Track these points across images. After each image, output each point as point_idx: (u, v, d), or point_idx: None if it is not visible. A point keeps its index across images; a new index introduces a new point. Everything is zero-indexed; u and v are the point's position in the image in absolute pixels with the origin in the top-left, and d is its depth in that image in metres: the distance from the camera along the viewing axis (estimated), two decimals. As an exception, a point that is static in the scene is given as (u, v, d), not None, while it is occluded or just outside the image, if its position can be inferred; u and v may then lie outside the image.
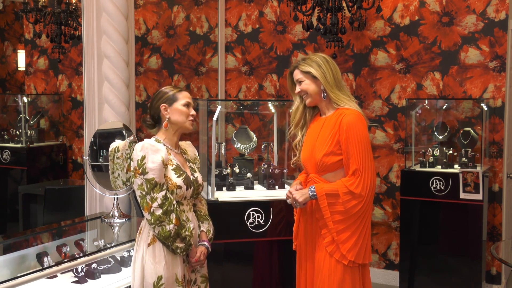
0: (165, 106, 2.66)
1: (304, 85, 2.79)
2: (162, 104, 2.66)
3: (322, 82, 2.75)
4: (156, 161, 2.52)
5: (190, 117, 2.69)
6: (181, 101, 2.68)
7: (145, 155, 2.52)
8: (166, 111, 2.66)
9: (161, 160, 2.54)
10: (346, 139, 2.66)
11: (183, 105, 2.67)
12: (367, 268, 2.81)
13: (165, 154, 2.57)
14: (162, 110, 2.66)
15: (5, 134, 5.24)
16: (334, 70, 2.78)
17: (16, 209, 5.03)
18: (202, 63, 5.95)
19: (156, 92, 2.74)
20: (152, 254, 2.55)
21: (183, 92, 2.71)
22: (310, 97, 2.80)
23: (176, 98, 2.68)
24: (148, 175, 2.51)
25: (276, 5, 5.61)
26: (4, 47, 5.43)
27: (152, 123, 2.71)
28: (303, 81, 2.79)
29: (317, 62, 2.77)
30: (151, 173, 2.51)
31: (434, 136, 5.01)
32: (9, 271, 2.63)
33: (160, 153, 2.55)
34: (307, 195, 2.71)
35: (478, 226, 4.49)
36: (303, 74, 2.79)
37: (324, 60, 2.78)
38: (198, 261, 2.65)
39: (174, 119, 2.66)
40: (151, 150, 2.54)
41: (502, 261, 3.51)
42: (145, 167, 2.51)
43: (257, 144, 4.10)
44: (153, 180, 2.51)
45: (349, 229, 2.67)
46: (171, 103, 2.66)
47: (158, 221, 2.50)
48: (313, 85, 2.78)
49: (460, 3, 4.86)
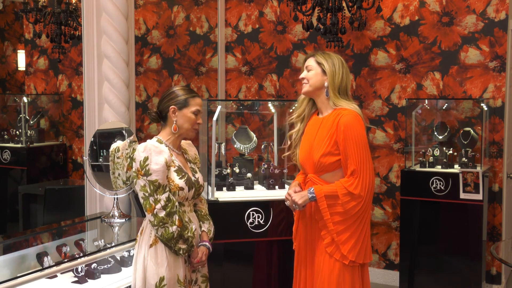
0: (174, 109, 2.63)
1: (310, 73, 2.80)
2: (172, 106, 2.63)
3: (328, 79, 2.75)
4: (160, 162, 2.51)
5: (196, 126, 2.67)
6: (191, 108, 2.64)
7: (148, 156, 2.51)
8: (174, 114, 2.63)
9: (165, 162, 2.53)
10: (344, 140, 2.66)
11: (192, 112, 2.64)
12: (366, 268, 2.81)
13: (168, 156, 2.56)
14: (170, 111, 2.63)
15: (5, 134, 5.24)
16: (345, 75, 2.79)
17: (16, 209, 5.03)
18: (202, 63, 5.95)
19: (169, 90, 2.69)
20: (154, 255, 2.55)
21: (196, 98, 2.67)
22: (310, 86, 2.80)
23: (187, 103, 2.64)
24: (151, 176, 2.50)
25: (276, 5, 5.61)
26: (4, 47, 5.43)
27: (157, 117, 2.69)
28: (311, 69, 2.80)
29: (333, 60, 2.79)
30: (155, 175, 2.50)
31: (434, 136, 5.01)
32: (9, 271, 2.63)
33: (163, 154, 2.54)
34: (307, 197, 2.72)
35: (478, 226, 4.49)
36: (315, 63, 2.80)
37: (340, 63, 2.80)
38: (199, 261, 2.65)
39: (180, 123, 2.64)
40: (155, 151, 2.53)
41: (502, 261, 3.51)
42: (148, 169, 2.50)
43: (257, 144, 4.10)
44: (157, 181, 2.50)
45: (349, 230, 2.67)
46: (181, 107, 2.63)
47: (161, 223, 2.49)
48: (319, 77, 2.78)
49: (460, 3, 4.86)
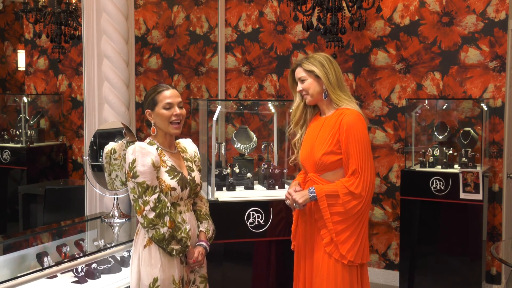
0: (149, 112, 2.60)
1: (306, 83, 2.79)
2: (146, 109, 2.61)
3: (324, 82, 2.75)
4: (146, 164, 2.48)
5: (173, 118, 2.56)
6: (160, 104, 2.56)
7: (135, 158, 2.49)
8: (151, 116, 2.60)
9: (151, 163, 2.49)
10: (346, 139, 2.67)
11: (164, 108, 2.56)
12: (365, 268, 2.81)
13: (156, 157, 2.52)
14: (147, 115, 2.61)
15: (5, 134, 5.24)
16: (336, 70, 2.78)
17: (16, 209, 5.02)
18: (202, 63, 5.95)
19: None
20: (148, 256, 2.53)
21: (162, 93, 2.57)
22: (311, 96, 2.80)
23: (156, 101, 2.57)
24: (138, 178, 2.48)
25: (276, 5, 5.61)
26: (4, 47, 5.43)
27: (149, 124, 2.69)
28: (305, 79, 2.79)
29: (321, 61, 2.77)
30: (142, 177, 2.48)
31: (434, 136, 5.01)
32: (9, 271, 2.63)
33: (150, 156, 2.50)
34: (307, 197, 2.71)
35: (478, 226, 4.49)
36: (306, 72, 2.79)
37: (327, 60, 2.78)
38: (196, 261, 2.62)
39: (158, 123, 2.59)
40: (141, 153, 2.50)
41: (502, 261, 3.51)
42: (136, 171, 2.48)
43: (257, 144, 4.10)
44: (144, 183, 2.48)
45: (348, 230, 2.67)
46: (153, 107, 2.58)
47: (151, 224, 2.47)
48: (315, 84, 2.78)
49: (460, 3, 4.86)
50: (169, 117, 2.57)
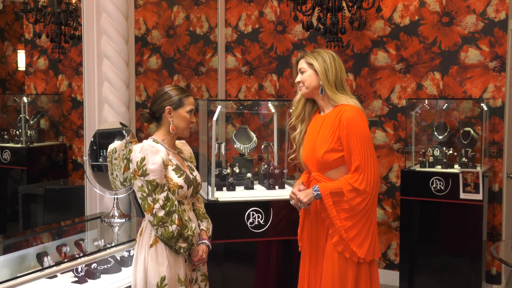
0: (170, 109, 2.65)
1: (304, 75, 2.79)
2: (168, 106, 2.65)
3: (321, 78, 2.74)
4: (157, 162, 2.52)
5: (191, 124, 2.71)
6: (186, 107, 2.67)
7: (144, 157, 2.52)
8: (170, 114, 2.65)
9: (162, 161, 2.54)
10: (347, 135, 2.65)
11: (187, 112, 2.67)
12: (375, 264, 2.78)
13: (165, 155, 2.57)
14: (166, 112, 2.65)
15: (5, 134, 5.24)
16: (338, 69, 2.77)
17: (16, 209, 5.03)
18: (202, 63, 5.95)
19: (162, 91, 2.70)
20: (155, 255, 2.56)
21: (189, 98, 2.70)
22: (306, 88, 2.79)
23: (182, 103, 2.67)
24: (148, 176, 2.51)
25: (276, 5, 5.61)
26: (4, 47, 5.43)
27: (150, 118, 2.70)
28: (304, 71, 2.79)
29: (323, 57, 2.77)
30: (152, 175, 2.51)
31: (434, 136, 5.01)
32: (9, 271, 2.63)
33: (160, 154, 2.55)
34: (312, 195, 2.70)
35: (478, 226, 4.49)
36: (306, 64, 2.79)
37: (331, 58, 2.78)
38: (200, 259, 2.66)
39: (176, 123, 2.66)
40: (151, 151, 2.54)
41: (502, 261, 3.51)
42: (145, 169, 2.51)
43: (257, 144, 4.10)
44: (154, 181, 2.51)
45: (356, 226, 2.66)
46: (176, 107, 2.66)
47: (160, 222, 2.50)
48: (313, 77, 2.77)
49: (460, 3, 4.86)
50: (189, 122, 2.69)
